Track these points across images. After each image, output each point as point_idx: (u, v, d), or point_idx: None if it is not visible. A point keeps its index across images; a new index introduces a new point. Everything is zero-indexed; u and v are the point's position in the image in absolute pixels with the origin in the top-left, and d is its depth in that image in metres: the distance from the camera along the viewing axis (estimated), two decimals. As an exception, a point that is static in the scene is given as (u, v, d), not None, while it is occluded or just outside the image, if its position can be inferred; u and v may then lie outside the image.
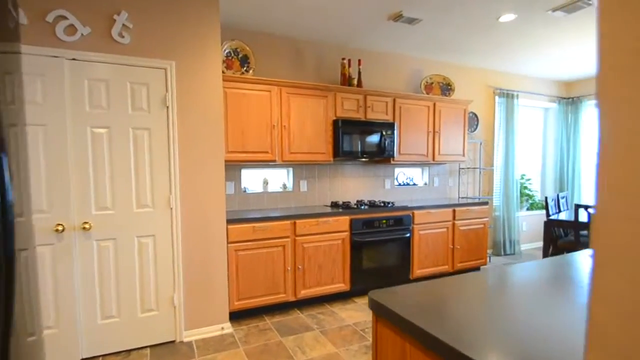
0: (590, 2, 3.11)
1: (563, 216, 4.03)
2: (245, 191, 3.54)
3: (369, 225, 3.48)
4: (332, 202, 3.84)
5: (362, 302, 3.39)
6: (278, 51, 3.66)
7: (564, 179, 5.81)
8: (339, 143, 3.54)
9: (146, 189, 2.49)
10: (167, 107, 2.52)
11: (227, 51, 3.15)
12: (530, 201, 5.79)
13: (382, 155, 3.77)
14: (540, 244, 5.79)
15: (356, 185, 4.15)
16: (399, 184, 4.49)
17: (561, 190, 5.86)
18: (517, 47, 4.15)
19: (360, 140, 3.64)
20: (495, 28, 3.63)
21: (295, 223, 3.13)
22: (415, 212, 3.75)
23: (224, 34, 3.28)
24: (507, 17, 3.39)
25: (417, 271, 3.79)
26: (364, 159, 3.93)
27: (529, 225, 5.65)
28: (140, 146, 2.46)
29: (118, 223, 2.43)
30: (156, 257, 2.55)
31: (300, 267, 3.15)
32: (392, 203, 3.78)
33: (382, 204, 3.70)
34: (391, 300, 1.14)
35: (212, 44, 2.66)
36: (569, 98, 5.79)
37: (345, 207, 3.53)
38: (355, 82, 3.82)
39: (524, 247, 5.59)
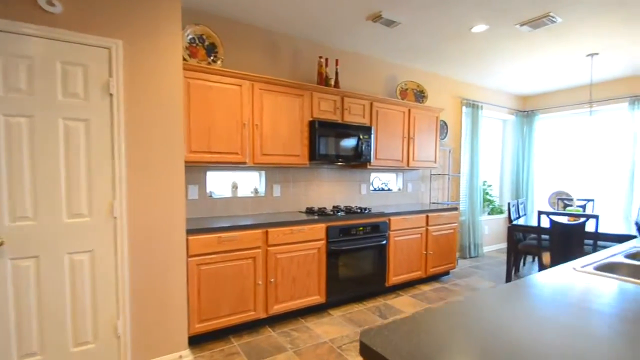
0: (555, 20, 2.82)
1: (522, 221, 3.74)
2: (211, 196, 2.91)
3: (346, 232, 2.97)
4: (307, 208, 3.29)
5: (338, 314, 2.87)
6: (250, 43, 3.07)
7: (520, 186, 5.64)
8: (316, 145, 3.00)
9: (81, 194, 1.81)
10: (111, 96, 1.87)
11: (190, 37, 2.52)
12: (490, 206, 5.55)
13: (359, 160, 3.28)
14: (500, 245, 5.57)
15: (332, 190, 3.63)
16: (374, 189, 4.03)
17: (517, 196, 5.69)
18: (485, 58, 3.84)
19: (337, 143, 3.13)
20: (467, 38, 3.29)
21: (267, 232, 2.55)
22: (392, 218, 3.29)
23: (187, 17, 2.65)
24: (479, 28, 3.06)
25: (393, 278, 3.33)
26: (340, 163, 3.42)
27: (490, 229, 5.40)
28: (74, 141, 1.79)
29: (42, 237, 1.74)
30: (94, 278, 1.87)
31: (272, 280, 2.57)
32: (368, 209, 3.29)
33: (359, 210, 3.20)
34: (388, 346, 0.76)
35: (172, 25, 2.05)
36: (524, 111, 5.64)
37: (322, 214, 3.00)
38: (332, 82, 3.31)
39: (486, 249, 5.33)
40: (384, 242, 3.21)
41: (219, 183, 3.03)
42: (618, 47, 3.45)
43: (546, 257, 3.02)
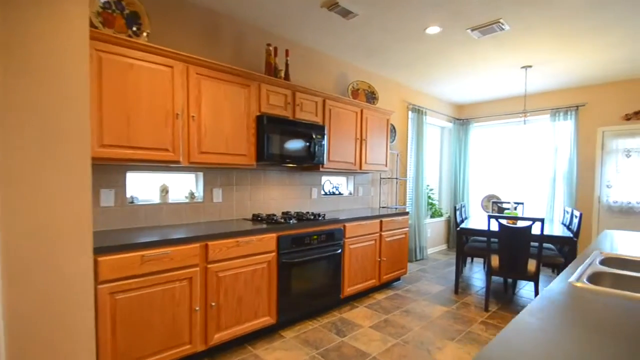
0: (503, 27, 2.91)
1: (464, 224, 3.83)
2: (133, 202, 2.35)
3: (299, 242, 2.64)
4: (254, 215, 2.88)
5: (292, 335, 2.51)
6: (186, 21, 2.59)
7: (457, 190, 5.93)
8: (264, 144, 2.63)
9: None
10: (-27, 58, 1.29)
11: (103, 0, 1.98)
12: (432, 209, 5.72)
13: (311, 162, 2.99)
14: (440, 247, 5.76)
15: (281, 194, 3.27)
16: (325, 194, 3.77)
17: (455, 199, 5.96)
18: (433, 64, 3.88)
19: (288, 142, 2.80)
20: (420, 40, 3.24)
21: (207, 245, 2.10)
22: (347, 225, 3.06)
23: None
24: (433, 29, 3.02)
25: (348, 289, 3.09)
26: (291, 165, 3.09)
27: (432, 232, 5.54)
28: None
29: None
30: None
31: (213, 304, 2.12)
32: (322, 215, 3.01)
33: (313, 217, 2.90)
34: None
35: (76, -26, 1.52)
36: (461, 119, 5.95)
37: (271, 222, 2.63)
38: (282, 74, 2.98)
39: (429, 251, 5.45)
40: (339, 250, 2.96)
41: (143, 186, 2.47)
42: (549, 61, 3.73)
43: (494, 260, 3.07)
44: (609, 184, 4.37)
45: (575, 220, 3.36)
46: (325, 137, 3.15)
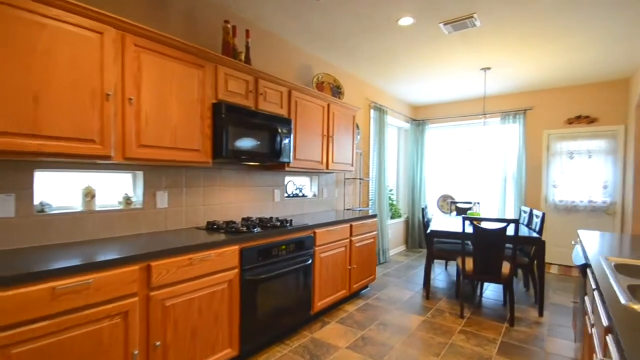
0: (475, 23, 2.85)
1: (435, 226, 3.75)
2: (43, 211, 1.75)
3: (266, 254, 2.25)
4: (208, 223, 2.40)
5: (256, 367, 2.11)
6: (121, -23, 2.05)
7: (415, 190, 5.96)
8: (223, 138, 2.19)
9: None
10: None
11: None
12: (392, 210, 5.66)
13: (276, 160, 2.61)
14: (399, 249, 5.71)
15: (241, 197, 2.83)
16: (288, 196, 3.41)
17: (413, 200, 5.98)
18: (398, 60, 3.74)
19: (250, 137, 2.39)
20: (391, 30, 3.06)
21: (149, 267, 1.62)
22: (317, 231, 2.73)
23: None
24: (406, 20, 2.86)
25: (319, 303, 2.76)
26: (253, 163, 2.67)
27: (392, 233, 5.47)
28: None
29: None
30: None
31: (158, 343, 1.64)
32: (289, 221, 2.65)
33: (279, 223, 2.52)
34: None
35: None
36: (417, 120, 6.00)
37: (231, 230, 2.19)
38: (242, 57, 2.56)
39: (390, 253, 5.37)
40: (310, 261, 2.62)
41: (60, 189, 1.88)
42: (506, 65, 3.82)
43: (468, 263, 2.99)
44: (554, 184, 4.67)
45: (537, 220, 3.45)
46: (292, 132, 2.80)
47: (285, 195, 3.33)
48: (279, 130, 2.61)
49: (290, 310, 2.46)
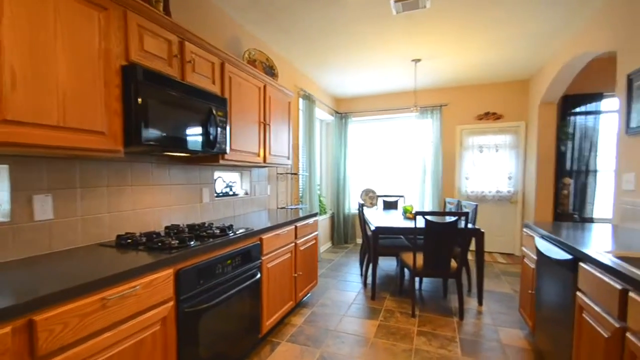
0: (427, 4, 2.79)
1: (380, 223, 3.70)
2: None
3: (208, 274, 1.74)
4: (120, 238, 1.72)
5: None
6: None
7: (339, 185, 5.93)
8: (140, 116, 1.59)
9: None
10: None
11: None
12: (320, 206, 5.50)
13: (210, 150, 2.08)
14: (326, 246, 5.61)
15: (161, 200, 2.19)
16: (218, 195, 2.85)
17: (337, 195, 5.94)
18: (335, 39, 3.50)
19: (179, 117, 1.82)
20: (336, 4, 2.80)
21: (32, 325, 0.98)
22: (264, 237, 2.30)
23: None
24: None
25: (267, 323, 2.35)
26: (180, 154, 2.07)
27: (320, 230, 5.32)
28: None
29: None
30: None
31: None
32: (230, 227, 2.15)
33: (219, 231, 2.01)
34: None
35: None
36: (340, 113, 5.97)
37: (156, 246, 1.61)
38: (160, 7, 1.94)
39: (320, 251, 5.20)
40: (258, 275, 2.18)
41: None
42: (434, 57, 3.99)
43: (418, 258, 2.98)
44: (467, 176, 5.20)
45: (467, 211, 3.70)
46: (228, 115, 2.29)
47: (215, 194, 2.78)
48: (214, 112, 2.09)
49: (237, 338, 1.99)
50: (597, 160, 4.42)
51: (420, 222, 3.24)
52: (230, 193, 3.03)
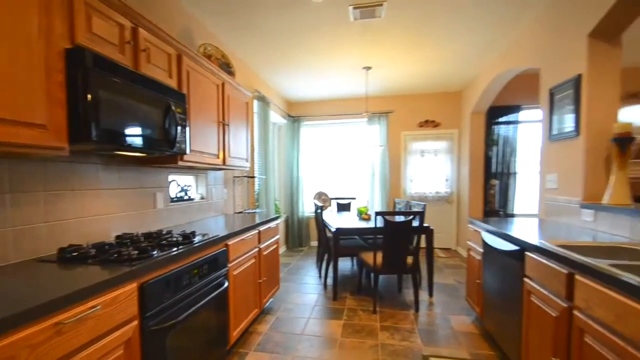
0: (381, 14, 2.86)
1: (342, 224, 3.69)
2: None
3: (175, 286, 1.52)
4: (63, 251, 1.41)
5: None
6: None
7: (293, 188, 5.83)
8: (90, 109, 1.33)
9: None
10: None
11: None
12: (276, 210, 5.32)
13: (170, 149, 1.84)
14: (282, 249, 5.45)
15: (110, 206, 1.88)
16: (172, 200, 2.56)
17: (292, 198, 5.83)
18: (294, 40, 3.44)
19: (134, 112, 1.58)
20: (297, 5, 2.74)
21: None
22: (230, 243, 2.11)
23: None
24: None
25: (234, 333, 2.15)
26: (134, 154, 1.80)
27: (275, 234, 5.14)
28: None
29: None
30: None
31: None
32: (193, 234, 1.92)
33: (182, 238, 1.79)
34: None
35: None
36: (293, 116, 5.89)
37: (112, 258, 1.35)
38: (114, -10, 1.68)
39: (274, 257, 5.02)
40: (225, 283, 1.99)
41: None
42: (383, 66, 4.14)
43: (378, 257, 3.01)
44: (411, 178, 5.48)
45: (416, 210, 3.87)
46: (187, 112, 2.07)
47: (170, 199, 2.49)
48: (173, 108, 1.86)
49: (204, 353, 1.78)
50: (517, 164, 4.97)
51: (378, 222, 3.29)
52: (186, 198, 2.75)
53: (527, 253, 1.84)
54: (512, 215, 5.01)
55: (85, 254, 1.41)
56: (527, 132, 4.93)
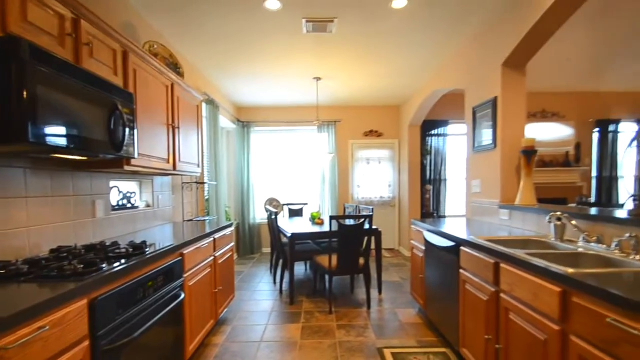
0: (332, 29, 2.96)
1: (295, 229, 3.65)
2: None
3: (128, 300, 1.36)
4: None
5: None
6: None
7: (244, 195, 5.64)
8: (27, 106, 1.15)
9: None
10: None
11: None
12: (226, 217, 5.08)
13: (117, 152, 1.66)
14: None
15: (40, 215, 1.61)
16: (114, 207, 2.29)
17: (242, 203, 5.63)
18: (246, 45, 3.33)
19: (77, 111, 1.40)
20: (254, 11, 2.70)
21: None
22: (185, 252, 1.96)
23: None
24: (273, 4, 2.58)
25: (190, 347, 1.99)
26: (72, 156, 1.57)
27: (224, 242, 4.90)
28: None
29: None
30: None
31: None
32: (143, 242, 1.74)
33: (132, 249, 1.61)
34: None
35: None
36: (242, 122, 5.74)
37: (52, 274, 1.17)
38: (52, -25, 1.47)
39: (223, 265, 4.77)
40: (181, 294, 1.83)
41: None
42: (332, 77, 4.26)
43: (333, 259, 3.05)
44: (358, 184, 5.68)
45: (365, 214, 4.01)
46: (134, 113, 1.89)
47: (111, 207, 2.23)
48: (120, 108, 1.69)
49: (157, 374, 1.62)
50: (447, 171, 5.46)
51: (331, 226, 3.34)
52: (129, 205, 2.49)
53: (462, 248, 2.03)
54: (444, 216, 5.48)
55: (16, 270, 1.19)
56: (455, 143, 5.46)
